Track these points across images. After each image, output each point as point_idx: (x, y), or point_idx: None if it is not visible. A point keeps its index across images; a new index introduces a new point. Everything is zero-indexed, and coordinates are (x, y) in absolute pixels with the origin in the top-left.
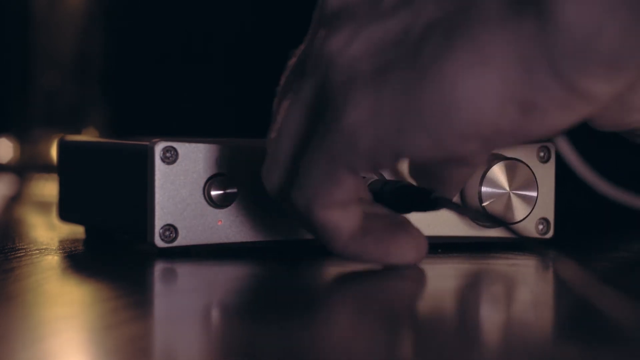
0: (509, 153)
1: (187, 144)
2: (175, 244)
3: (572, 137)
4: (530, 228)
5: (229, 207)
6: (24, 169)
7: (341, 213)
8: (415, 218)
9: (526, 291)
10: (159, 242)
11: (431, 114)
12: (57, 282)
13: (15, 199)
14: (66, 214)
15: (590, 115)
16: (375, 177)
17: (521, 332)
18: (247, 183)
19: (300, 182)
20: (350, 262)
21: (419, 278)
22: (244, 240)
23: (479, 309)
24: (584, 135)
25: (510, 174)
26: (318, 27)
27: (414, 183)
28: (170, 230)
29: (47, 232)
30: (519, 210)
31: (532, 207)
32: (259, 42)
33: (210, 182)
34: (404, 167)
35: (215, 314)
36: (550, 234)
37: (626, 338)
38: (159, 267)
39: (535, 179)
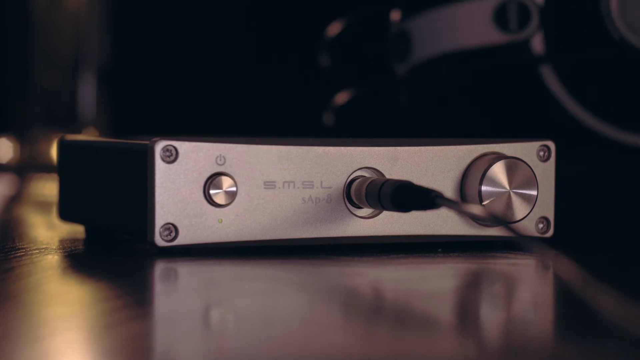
0: (509, 152)
1: (187, 143)
2: (175, 243)
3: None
4: (530, 227)
5: (229, 207)
6: (24, 169)
7: None
8: (416, 217)
9: (526, 291)
10: (159, 241)
11: None
12: (57, 282)
13: (15, 199)
14: (66, 213)
15: None
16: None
17: (521, 332)
18: (248, 182)
19: None
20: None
21: (419, 278)
22: (244, 240)
23: (479, 309)
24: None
25: (511, 172)
26: None
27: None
28: (171, 229)
29: (47, 231)
30: (519, 209)
31: (532, 206)
32: (258, 42)
33: (211, 181)
34: (405, 169)
35: (215, 314)
36: (550, 233)
37: (625, 338)
38: (159, 267)
39: (535, 177)
